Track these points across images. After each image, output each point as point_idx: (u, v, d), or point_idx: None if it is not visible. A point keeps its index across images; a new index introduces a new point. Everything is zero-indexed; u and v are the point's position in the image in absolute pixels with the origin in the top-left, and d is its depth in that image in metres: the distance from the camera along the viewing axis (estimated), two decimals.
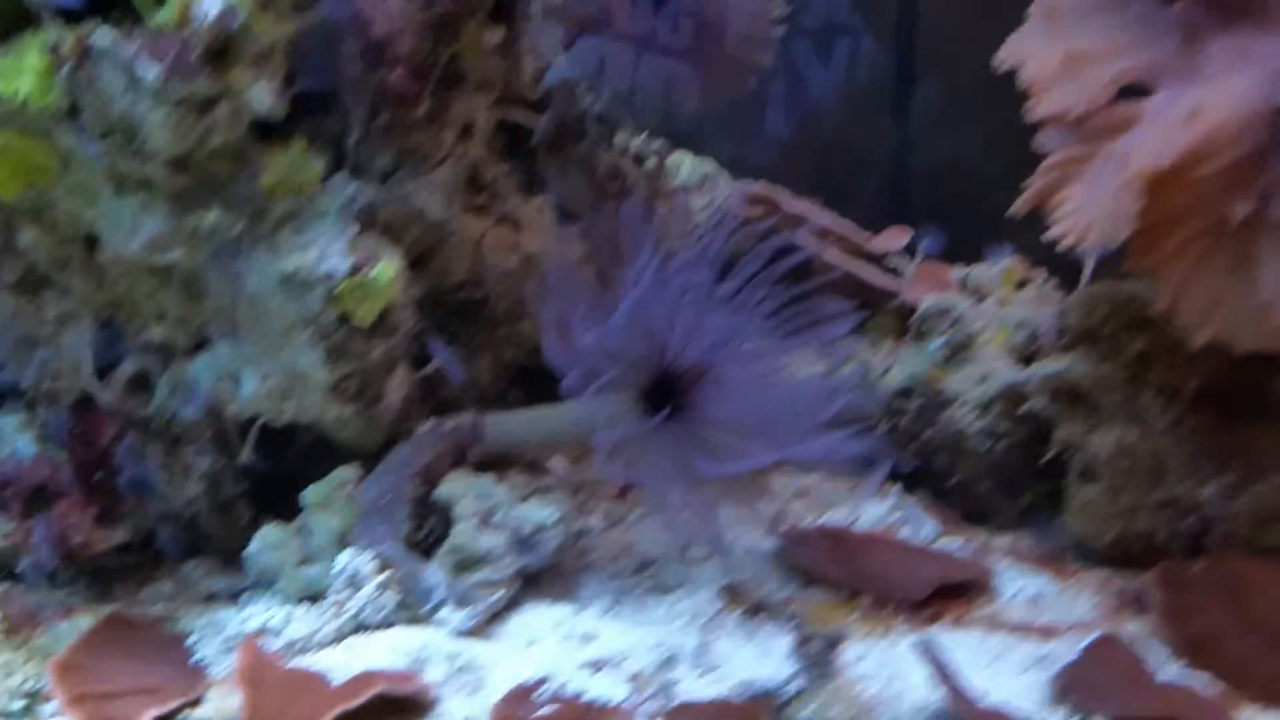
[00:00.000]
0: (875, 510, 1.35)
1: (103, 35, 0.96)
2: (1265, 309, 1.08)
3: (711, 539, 1.13)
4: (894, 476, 1.37)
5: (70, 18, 0.97)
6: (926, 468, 1.37)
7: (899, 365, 1.37)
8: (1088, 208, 1.12)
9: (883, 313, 1.45)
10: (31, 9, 0.97)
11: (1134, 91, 1.17)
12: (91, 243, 1.07)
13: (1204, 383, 1.20)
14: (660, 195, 1.50)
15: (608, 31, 1.37)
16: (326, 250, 1.04)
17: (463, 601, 1.05)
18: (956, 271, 1.50)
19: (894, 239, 1.49)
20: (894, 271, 1.53)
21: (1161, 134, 1.09)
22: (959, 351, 1.34)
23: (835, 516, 1.33)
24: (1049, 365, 1.26)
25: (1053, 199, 1.16)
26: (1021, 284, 1.46)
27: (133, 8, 0.98)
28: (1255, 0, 1.13)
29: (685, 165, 1.59)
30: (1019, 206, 1.18)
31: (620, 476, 1.11)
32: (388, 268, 1.05)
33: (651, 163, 1.49)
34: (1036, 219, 1.19)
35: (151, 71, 0.95)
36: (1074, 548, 1.28)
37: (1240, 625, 1.09)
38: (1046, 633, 1.13)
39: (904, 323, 1.42)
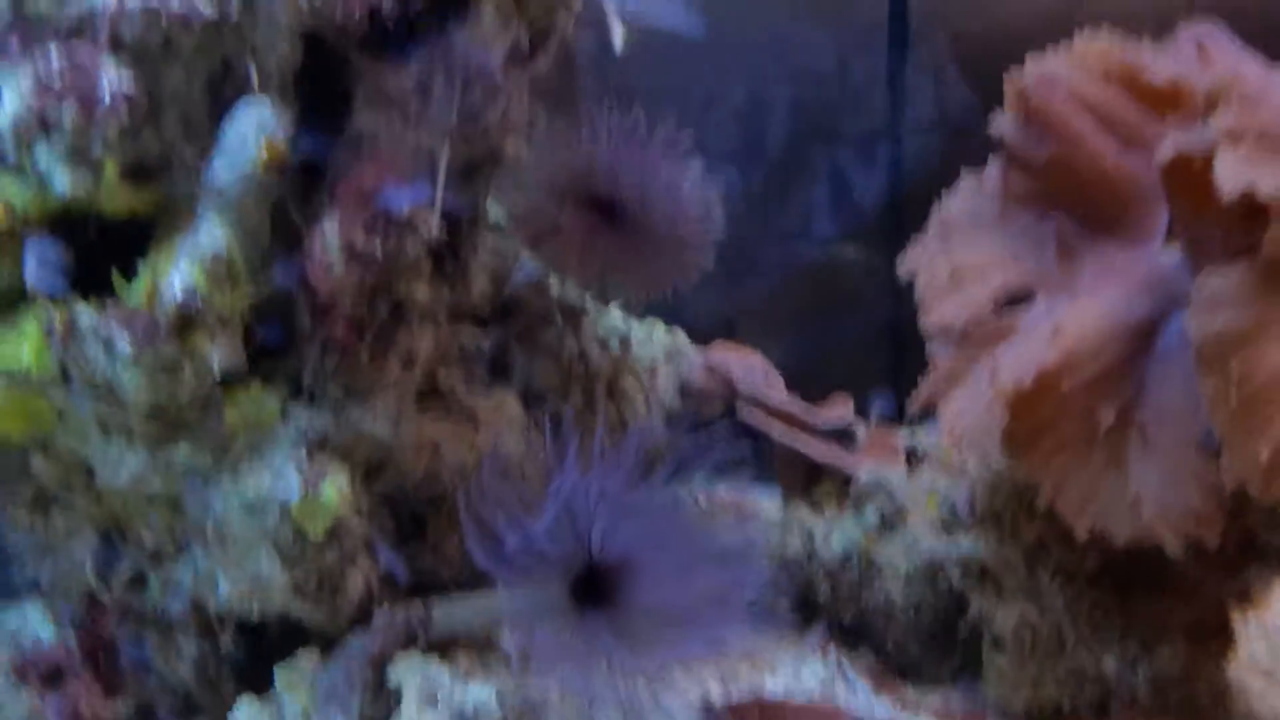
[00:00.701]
0: (815, 669, 1.50)
1: (85, 314, 1.18)
2: (1137, 504, 1.20)
3: (636, 716, 1.30)
4: (837, 635, 1.52)
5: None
6: (866, 628, 1.52)
7: (838, 533, 1.52)
8: (965, 417, 1.25)
9: (830, 480, 1.59)
10: (27, 289, 1.20)
11: (1024, 299, 1.30)
12: (90, 470, 1.28)
13: (1101, 562, 1.31)
14: (624, 374, 1.67)
15: (561, 239, 1.55)
16: (280, 476, 1.24)
17: None
18: (906, 435, 1.64)
19: (838, 411, 1.63)
20: (848, 433, 1.67)
21: (1027, 351, 1.21)
22: (892, 521, 1.48)
23: (778, 677, 1.48)
24: (961, 543, 1.38)
25: (940, 404, 1.29)
26: None
27: (111, 286, 1.20)
28: (1120, 216, 1.26)
29: (655, 337, 1.75)
30: (912, 409, 1.32)
31: (542, 676, 1.27)
32: (333, 489, 1.25)
33: (615, 345, 1.66)
34: None
35: (125, 345, 1.17)
36: (995, 709, 1.40)
37: None
38: None
39: (848, 488, 1.56)
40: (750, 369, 1.66)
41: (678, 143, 1.52)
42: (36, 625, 1.39)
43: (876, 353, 2.18)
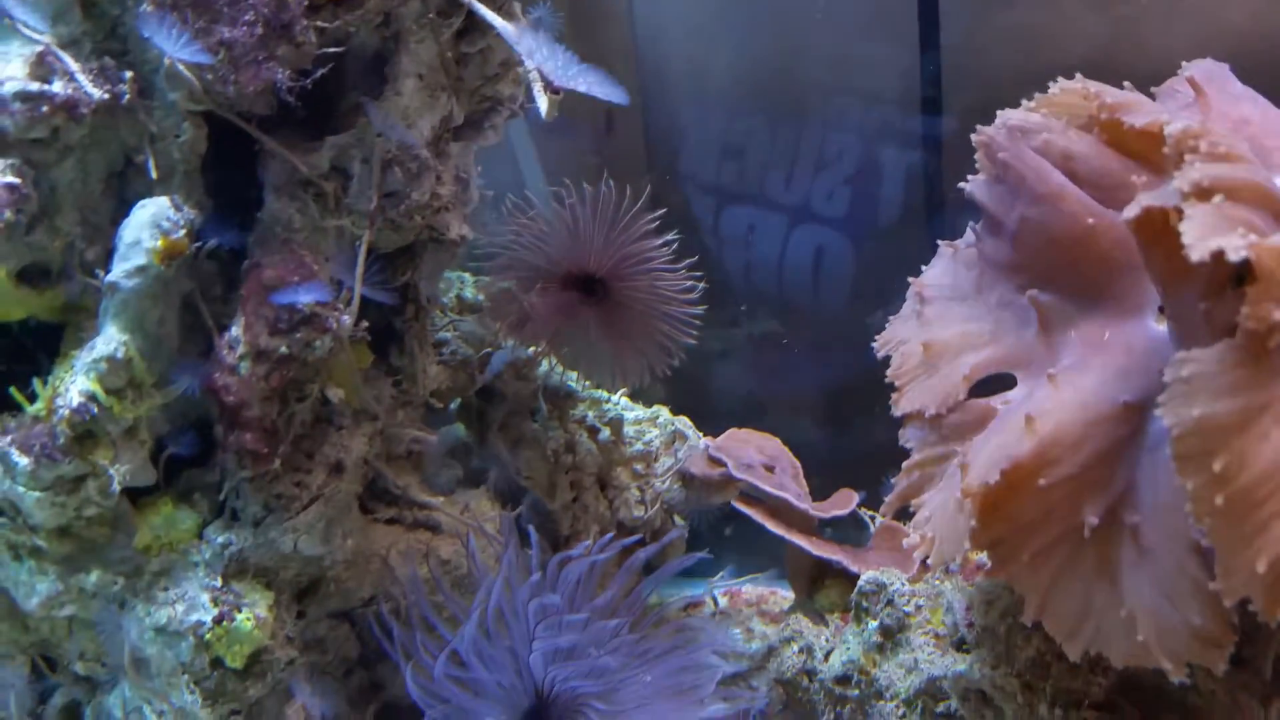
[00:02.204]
0: None
1: None
2: (1131, 622, 1.07)
3: None
4: None
5: None
6: None
7: (839, 648, 1.41)
8: (936, 519, 1.15)
9: (832, 582, 1.49)
10: None
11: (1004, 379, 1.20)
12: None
13: (1111, 685, 1.18)
14: (616, 465, 1.61)
15: (541, 322, 1.51)
16: (193, 602, 1.23)
17: None
18: None
19: (841, 505, 1.53)
20: (860, 526, 1.58)
21: (1000, 443, 1.11)
22: (893, 634, 1.37)
23: None
24: (958, 663, 1.27)
25: (913, 503, 1.19)
26: None
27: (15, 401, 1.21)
28: (1107, 284, 1.14)
29: (658, 423, 1.69)
30: (885, 509, 1.22)
31: None
32: (249, 616, 1.22)
33: (606, 434, 1.60)
34: None
35: (21, 460, 1.17)
36: None
37: None
38: None
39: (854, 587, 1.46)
40: (761, 456, 1.57)
41: (649, 218, 1.47)
42: None
43: None
